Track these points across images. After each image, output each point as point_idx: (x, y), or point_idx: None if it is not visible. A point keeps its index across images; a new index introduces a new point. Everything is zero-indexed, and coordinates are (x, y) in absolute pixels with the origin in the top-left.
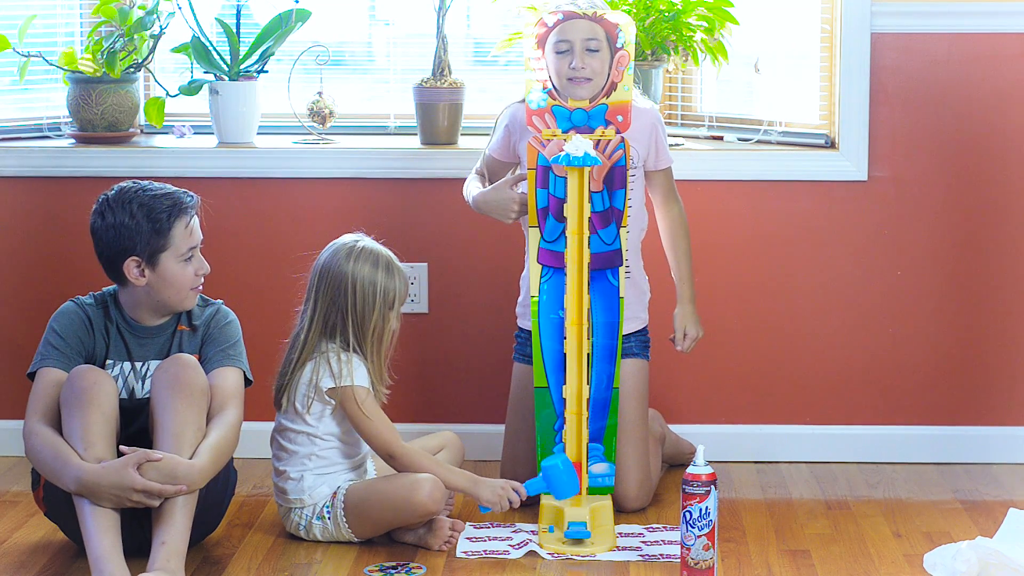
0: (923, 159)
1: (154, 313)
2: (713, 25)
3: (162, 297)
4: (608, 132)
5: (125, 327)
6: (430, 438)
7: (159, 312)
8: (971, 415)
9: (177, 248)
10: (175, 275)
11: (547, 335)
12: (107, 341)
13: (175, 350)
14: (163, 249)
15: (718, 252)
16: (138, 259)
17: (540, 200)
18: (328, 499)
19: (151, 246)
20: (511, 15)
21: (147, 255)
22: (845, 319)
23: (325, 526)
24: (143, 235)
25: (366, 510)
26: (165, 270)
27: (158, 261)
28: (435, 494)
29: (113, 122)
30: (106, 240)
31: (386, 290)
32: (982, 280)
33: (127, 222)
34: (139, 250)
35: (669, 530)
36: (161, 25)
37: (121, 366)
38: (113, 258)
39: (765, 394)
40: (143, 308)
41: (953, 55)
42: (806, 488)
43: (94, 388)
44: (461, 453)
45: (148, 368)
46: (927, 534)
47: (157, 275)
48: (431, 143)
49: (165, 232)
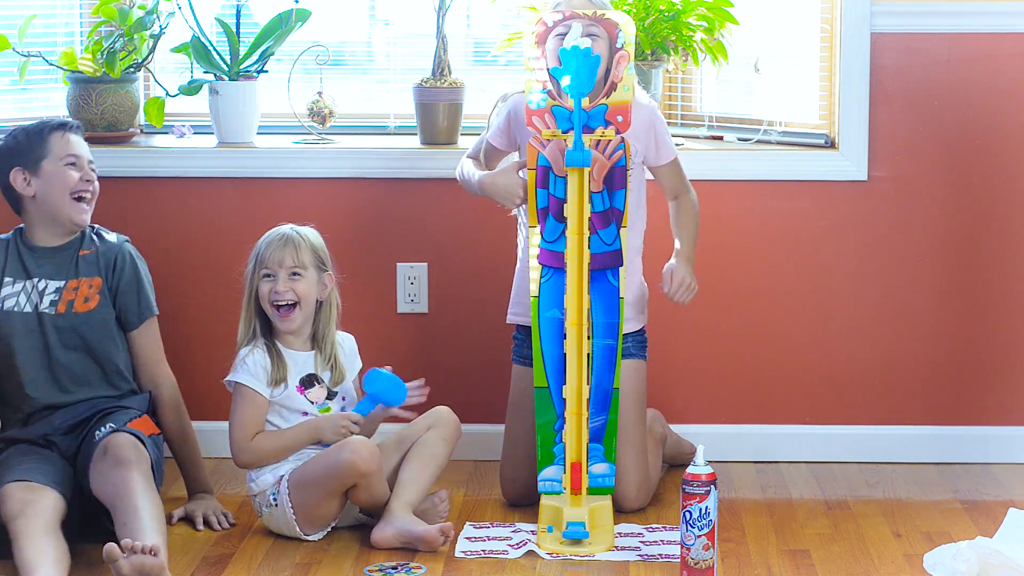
0: (923, 159)
1: (49, 230)
2: (713, 25)
3: (49, 205)
4: (608, 132)
5: (25, 249)
6: (419, 420)
7: (55, 227)
8: (971, 415)
9: (55, 153)
10: (57, 177)
11: (547, 335)
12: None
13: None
14: (43, 156)
15: (718, 252)
16: (21, 168)
17: (540, 200)
18: (273, 486)
19: (31, 155)
20: (511, 15)
21: (29, 163)
22: (845, 319)
23: (272, 513)
24: (22, 147)
25: (305, 485)
26: (50, 176)
27: (39, 168)
28: (361, 451)
29: (113, 122)
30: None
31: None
32: (982, 280)
33: (10, 143)
34: (20, 160)
35: (669, 530)
36: (161, 25)
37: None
38: (3, 179)
39: (765, 394)
40: (38, 225)
41: (953, 55)
42: (806, 488)
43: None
44: (453, 428)
45: (46, 286)
46: (927, 534)
47: (41, 182)
48: (431, 143)
49: (41, 143)
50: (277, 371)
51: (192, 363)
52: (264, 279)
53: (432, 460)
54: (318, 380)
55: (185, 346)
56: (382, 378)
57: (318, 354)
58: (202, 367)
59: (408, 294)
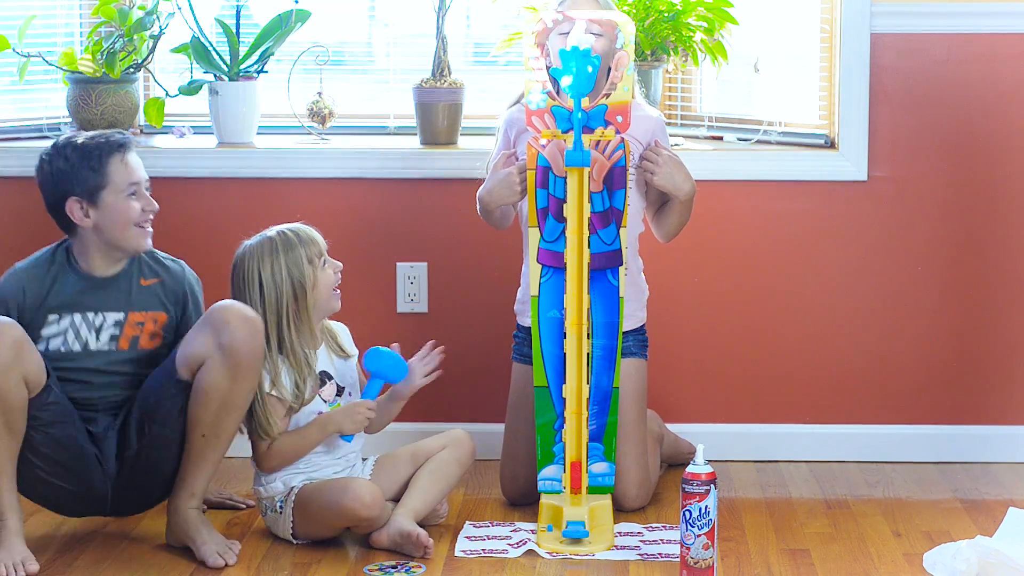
0: (923, 159)
1: (106, 258)
2: (713, 25)
3: (109, 236)
4: (608, 132)
5: (75, 277)
6: (436, 438)
7: (112, 255)
8: (971, 414)
9: (116, 184)
10: (118, 211)
11: (547, 335)
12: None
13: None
14: (102, 187)
15: (718, 252)
16: (79, 199)
17: (540, 200)
18: (282, 494)
19: (89, 184)
20: (511, 15)
21: (86, 194)
22: (844, 318)
23: (275, 519)
24: (79, 175)
25: (308, 510)
26: (110, 208)
27: (99, 199)
28: (363, 497)
29: (113, 122)
30: (47, 188)
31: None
32: (981, 279)
33: (63, 166)
34: (78, 191)
35: (668, 529)
36: (161, 25)
37: (71, 318)
38: (56, 204)
39: (765, 393)
40: (93, 253)
41: (953, 55)
42: (806, 487)
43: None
44: (467, 450)
45: (104, 319)
46: (927, 533)
47: (101, 214)
48: (431, 143)
49: (101, 171)
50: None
51: None
52: (324, 267)
53: (443, 478)
54: (328, 377)
55: None
56: (383, 356)
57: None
58: None
59: (408, 294)
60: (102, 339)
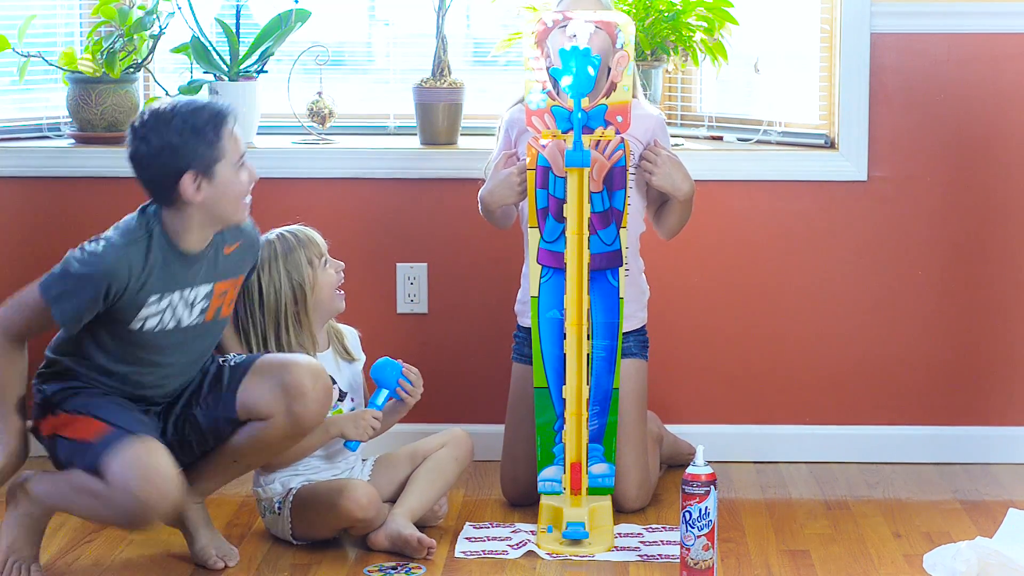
0: (923, 159)
1: (204, 233)
2: (713, 25)
3: (219, 210)
4: (608, 132)
5: (173, 255)
6: (434, 437)
7: (212, 228)
8: (971, 415)
9: (230, 156)
10: (231, 184)
11: (547, 336)
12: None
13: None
14: (217, 159)
15: (717, 252)
16: (194, 173)
17: (540, 200)
18: (280, 495)
19: (206, 158)
20: (511, 15)
21: (203, 167)
22: (845, 319)
23: (274, 519)
24: (195, 149)
25: (306, 511)
26: (224, 180)
27: (214, 172)
28: (360, 499)
29: (113, 122)
30: (157, 164)
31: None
32: (981, 280)
33: (175, 140)
34: (195, 164)
35: (668, 530)
36: (161, 25)
37: (170, 298)
38: (165, 180)
39: (764, 394)
40: (194, 229)
41: (953, 55)
42: (806, 488)
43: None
44: (466, 450)
45: (196, 294)
46: (927, 534)
47: (214, 187)
48: (431, 143)
49: (215, 142)
50: None
51: None
52: (324, 267)
53: (441, 477)
54: (332, 380)
55: None
56: (390, 367)
57: (332, 348)
58: None
59: (408, 294)
60: (193, 314)
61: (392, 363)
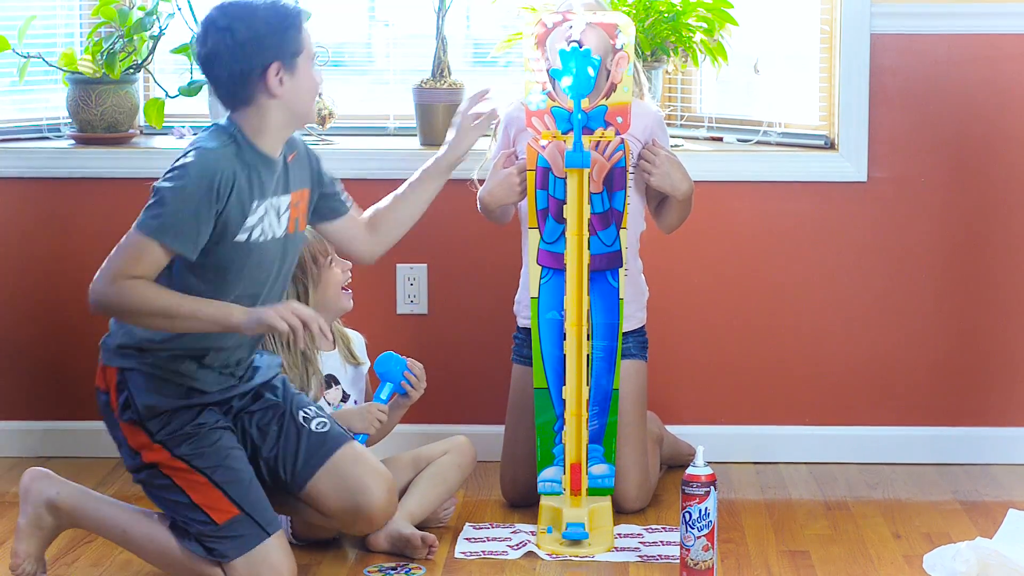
0: (922, 160)
1: (280, 134)
2: (713, 26)
3: (297, 107)
4: (608, 133)
5: (256, 158)
6: (438, 443)
7: (287, 129)
8: (970, 416)
9: (308, 50)
10: (309, 78)
11: (547, 336)
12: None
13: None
14: (299, 52)
15: (717, 252)
16: (279, 65)
17: (540, 201)
18: None
19: (290, 48)
20: (511, 16)
21: (287, 59)
22: (844, 320)
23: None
24: (281, 39)
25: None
26: (302, 74)
27: (296, 65)
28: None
29: (112, 123)
30: (243, 55)
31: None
32: (981, 280)
33: (261, 30)
34: (280, 55)
35: (668, 531)
36: (160, 26)
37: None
38: (251, 73)
39: (764, 395)
40: (271, 130)
41: (952, 56)
42: (805, 489)
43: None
44: (469, 457)
45: (281, 203)
46: (926, 535)
47: (295, 81)
48: (431, 144)
49: (298, 34)
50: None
51: None
52: (330, 265)
53: (443, 482)
54: (335, 381)
55: None
56: (394, 361)
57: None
58: None
59: (408, 295)
60: (282, 224)
61: (396, 357)
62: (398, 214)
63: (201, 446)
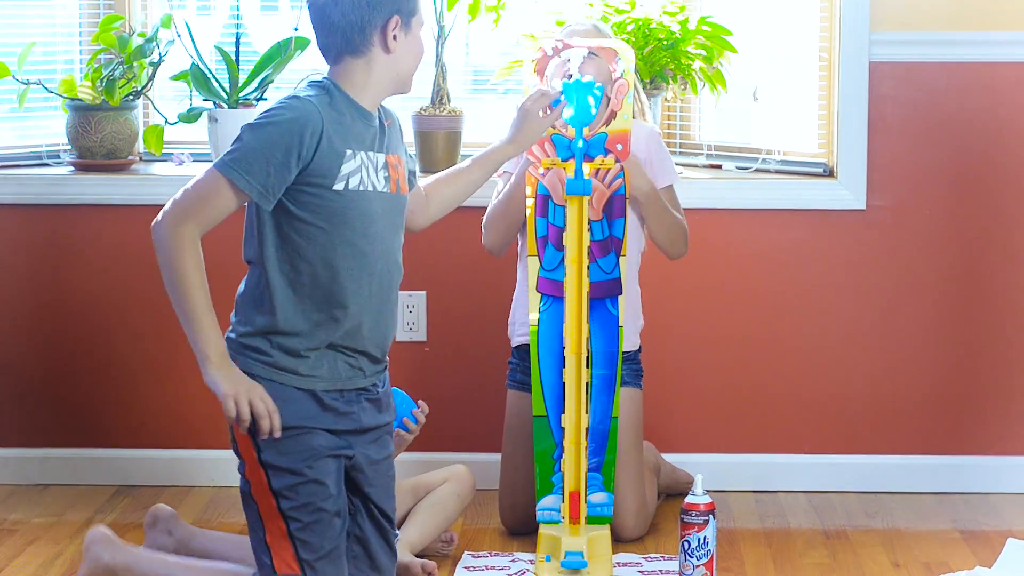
0: (921, 188)
1: (379, 94)
2: (712, 54)
3: (402, 68)
4: (608, 160)
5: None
6: (437, 472)
7: (385, 92)
8: (970, 444)
9: (421, 15)
10: (419, 44)
11: (546, 364)
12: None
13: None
14: (415, 12)
15: (715, 280)
16: (398, 20)
17: (539, 229)
18: None
19: (409, 7)
20: (510, 43)
21: (406, 15)
22: (843, 348)
23: None
24: None
25: None
26: (414, 36)
27: (411, 25)
28: None
29: (112, 149)
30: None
31: None
32: (980, 309)
33: None
34: (401, 10)
35: (667, 560)
36: (160, 53)
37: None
38: (370, 23)
39: (763, 423)
40: (371, 87)
41: (951, 84)
42: (804, 518)
43: None
44: (468, 486)
45: (378, 160)
46: (926, 564)
47: (407, 41)
48: (430, 171)
49: None
50: None
51: (185, 387)
52: None
53: (442, 512)
54: None
55: (181, 369)
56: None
57: None
58: (195, 391)
59: (407, 322)
60: (380, 180)
61: (406, 398)
62: (453, 190)
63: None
